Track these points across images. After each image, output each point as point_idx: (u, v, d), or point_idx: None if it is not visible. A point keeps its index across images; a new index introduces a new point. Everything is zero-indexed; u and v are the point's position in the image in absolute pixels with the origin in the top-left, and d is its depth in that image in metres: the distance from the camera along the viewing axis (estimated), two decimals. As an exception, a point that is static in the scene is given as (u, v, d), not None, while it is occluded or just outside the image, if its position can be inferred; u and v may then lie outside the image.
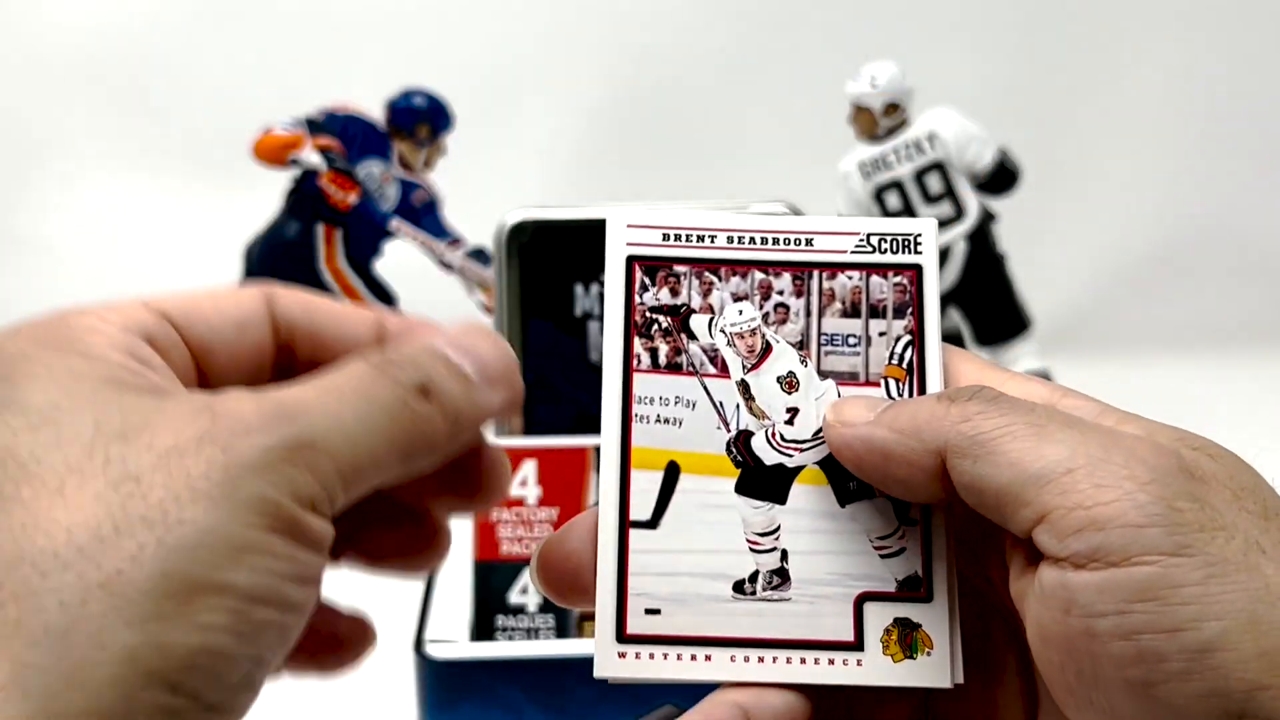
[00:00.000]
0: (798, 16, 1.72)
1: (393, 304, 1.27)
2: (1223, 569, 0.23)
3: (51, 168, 1.69)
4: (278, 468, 0.22)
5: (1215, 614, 0.23)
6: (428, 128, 1.23)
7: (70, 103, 1.68)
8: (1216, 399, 1.38)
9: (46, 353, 0.24)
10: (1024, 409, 0.26)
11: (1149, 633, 0.23)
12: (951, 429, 0.27)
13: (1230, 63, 1.75)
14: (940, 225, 1.22)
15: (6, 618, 0.20)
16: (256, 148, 1.15)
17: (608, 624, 0.30)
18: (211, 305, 0.28)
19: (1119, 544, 0.24)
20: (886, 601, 0.30)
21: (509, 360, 0.29)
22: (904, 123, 1.24)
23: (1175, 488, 0.24)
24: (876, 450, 0.28)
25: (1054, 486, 0.25)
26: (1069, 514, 0.24)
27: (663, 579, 0.30)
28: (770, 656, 0.30)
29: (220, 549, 0.21)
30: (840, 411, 0.30)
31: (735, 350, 0.32)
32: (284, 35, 1.68)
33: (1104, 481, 0.24)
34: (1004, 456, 0.26)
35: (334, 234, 1.20)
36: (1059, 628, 0.25)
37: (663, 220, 0.32)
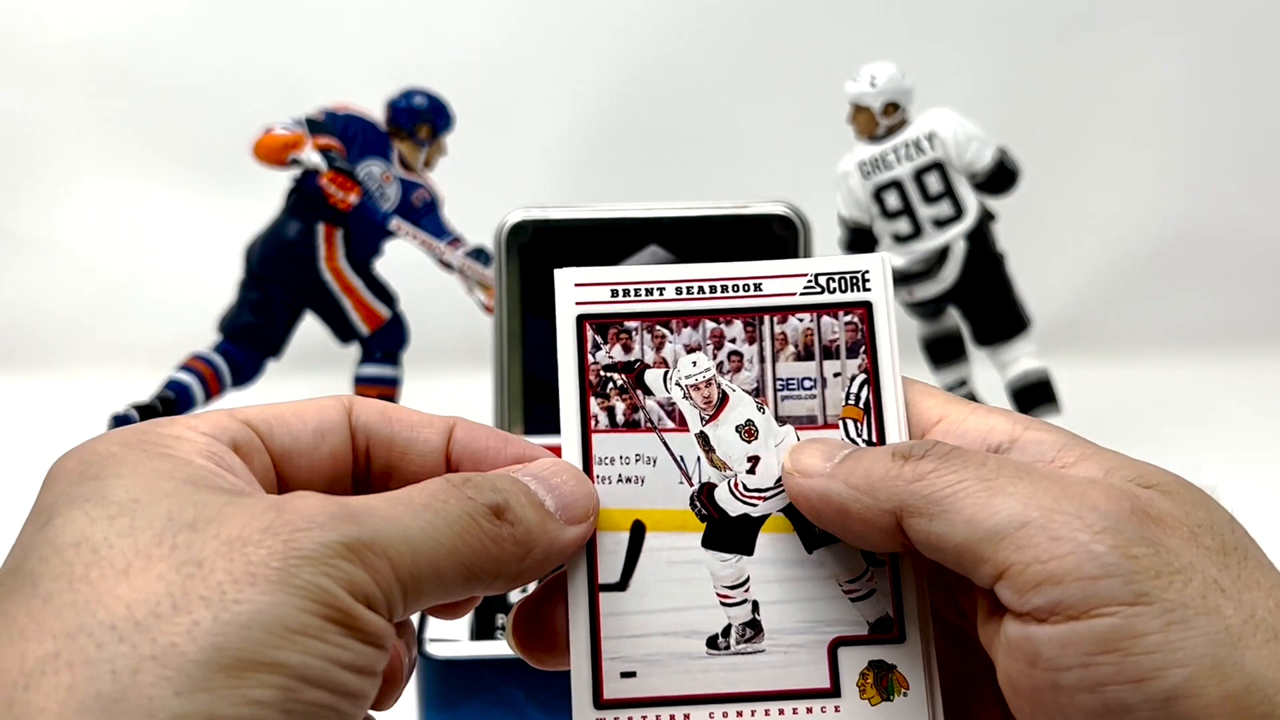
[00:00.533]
0: (797, 16, 1.72)
1: (393, 303, 1.27)
2: (1182, 614, 0.23)
3: (51, 168, 1.69)
4: (335, 561, 0.23)
5: (1178, 661, 0.23)
6: (428, 128, 1.24)
7: (70, 103, 1.68)
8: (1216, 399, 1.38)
9: (134, 454, 0.25)
10: (975, 464, 0.26)
11: (1114, 684, 0.23)
12: (905, 489, 0.27)
13: (1230, 63, 1.75)
14: (939, 225, 1.23)
15: (60, 684, 0.21)
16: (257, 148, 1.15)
17: (584, 691, 0.30)
18: (293, 413, 0.29)
19: (1078, 597, 0.24)
20: (860, 645, 0.30)
21: (590, 498, 0.30)
22: (903, 122, 1.24)
23: (1129, 534, 0.24)
24: (833, 506, 0.28)
25: (1009, 542, 0.25)
26: (1026, 569, 0.24)
27: (636, 640, 0.30)
28: (749, 709, 0.30)
29: (274, 629, 0.22)
30: (797, 460, 0.30)
31: (692, 402, 0.32)
32: (284, 35, 1.68)
33: (1058, 534, 0.24)
34: (958, 514, 0.26)
35: (334, 234, 1.20)
36: (1026, 679, 0.25)
37: (610, 277, 0.32)
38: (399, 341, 1.26)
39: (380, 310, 1.24)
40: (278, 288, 1.20)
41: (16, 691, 0.21)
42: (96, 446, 0.26)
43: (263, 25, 1.68)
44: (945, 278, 1.25)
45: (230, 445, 0.27)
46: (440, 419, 0.31)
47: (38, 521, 0.24)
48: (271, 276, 1.20)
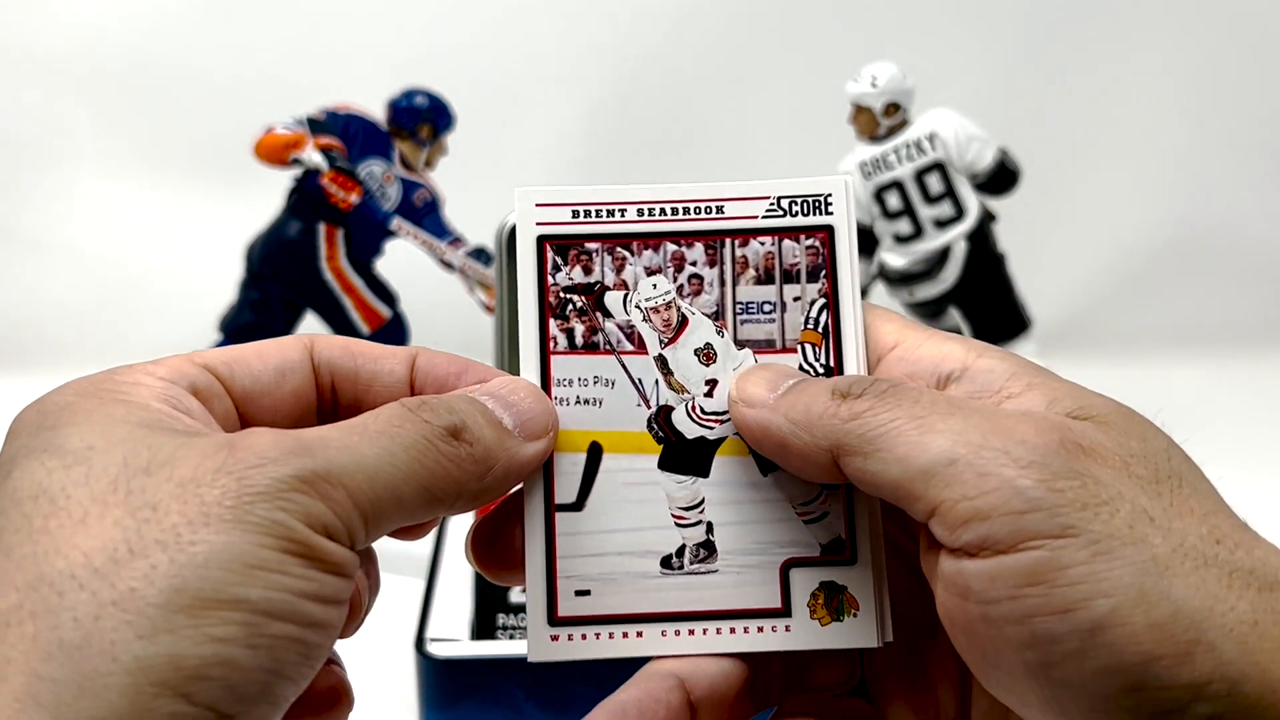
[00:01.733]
0: (798, 16, 1.72)
1: (393, 303, 1.27)
2: (1108, 545, 0.24)
3: (51, 168, 1.69)
4: (290, 495, 0.23)
5: (1104, 591, 0.23)
6: (429, 127, 1.23)
7: (71, 103, 1.68)
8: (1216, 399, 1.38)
9: (89, 401, 0.25)
10: (909, 400, 0.27)
11: (1040, 615, 0.24)
12: (841, 427, 0.27)
13: (1230, 63, 1.75)
14: (940, 225, 1.23)
15: (24, 634, 0.21)
16: (258, 147, 1.15)
17: (539, 608, 0.30)
18: (255, 353, 0.29)
19: (1004, 532, 0.24)
20: (811, 566, 0.31)
21: (549, 415, 0.29)
22: (904, 123, 1.24)
23: (1056, 467, 0.25)
24: (773, 439, 0.29)
25: (939, 480, 0.25)
26: (955, 506, 0.25)
27: (591, 559, 0.31)
28: (700, 628, 0.30)
29: (232, 566, 0.22)
30: (743, 389, 0.30)
31: (651, 325, 0.31)
32: (284, 35, 1.68)
33: (985, 470, 0.25)
34: (890, 453, 0.26)
35: (335, 233, 1.20)
36: (960, 612, 0.26)
37: (571, 197, 0.32)
38: (399, 341, 1.26)
39: (381, 310, 1.24)
40: (278, 287, 1.20)
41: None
42: (54, 397, 0.26)
43: (263, 25, 1.68)
44: (946, 278, 1.25)
45: (189, 389, 0.27)
46: (403, 350, 0.31)
47: None
48: (272, 276, 1.20)
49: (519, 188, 0.32)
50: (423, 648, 0.70)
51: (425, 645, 0.70)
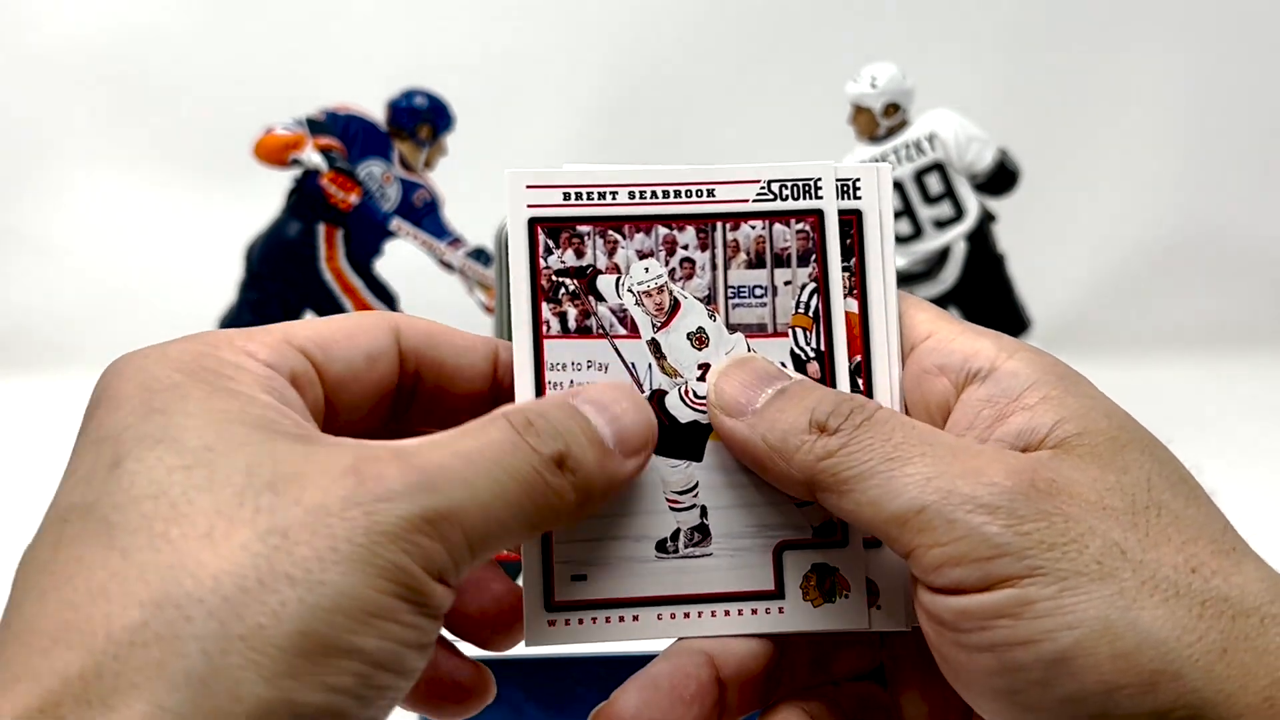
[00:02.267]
0: (798, 17, 1.72)
1: (393, 303, 1.27)
2: (1075, 581, 0.25)
3: (52, 168, 1.69)
4: (415, 538, 0.23)
5: (1068, 624, 0.24)
6: (429, 128, 1.24)
7: (71, 103, 1.68)
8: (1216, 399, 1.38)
9: (197, 387, 0.25)
10: (881, 439, 0.27)
11: (1007, 645, 0.25)
12: (815, 465, 0.27)
13: (1229, 64, 1.75)
14: (940, 226, 1.23)
15: (150, 658, 0.21)
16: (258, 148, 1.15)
17: (535, 594, 0.30)
18: (346, 337, 0.29)
19: (976, 576, 0.25)
20: (804, 549, 0.31)
21: (650, 427, 0.29)
22: (904, 123, 1.24)
23: (1022, 510, 0.25)
24: (750, 457, 0.29)
25: (910, 526, 0.26)
26: (928, 552, 0.26)
27: (587, 544, 0.30)
28: (695, 611, 0.30)
29: (355, 613, 0.22)
30: (720, 390, 0.30)
31: (644, 309, 0.31)
32: (285, 35, 1.68)
33: (953, 516, 0.25)
34: (864, 495, 0.27)
35: (335, 234, 1.20)
36: (937, 637, 0.27)
37: (563, 179, 0.31)
38: (399, 342, 1.26)
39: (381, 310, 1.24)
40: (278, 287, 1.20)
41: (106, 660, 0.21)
42: (155, 371, 0.25)
43: (264, 25, 1.68)
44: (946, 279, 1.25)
45: (289, 376, 0.27)
46: (483, 342, 0.31)
47: (102, 455, 0.24)
48: (272, 276, 1.20)
49: (509, 169, 0.32)
50: (422, 648, 0.70)
51: (425, 645, 0.70)
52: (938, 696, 0.31)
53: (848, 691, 0.32)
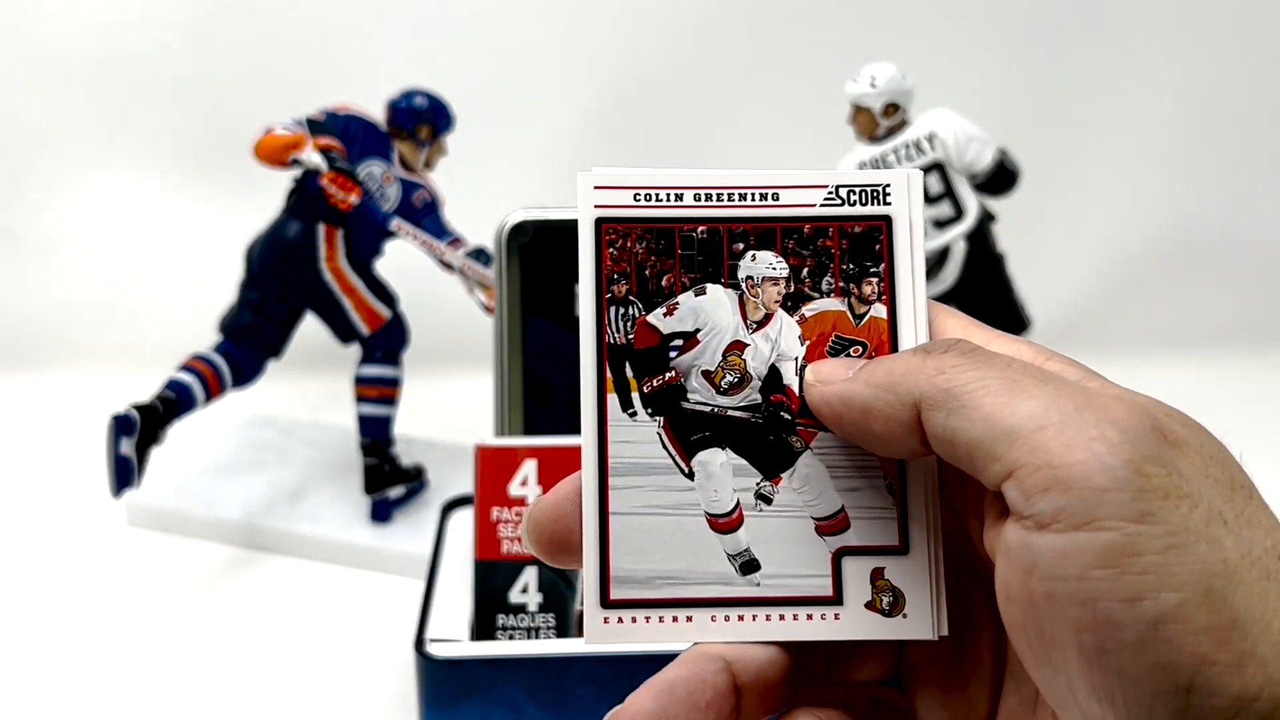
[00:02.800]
0: (797, 17, 1.72)
1: (393, 304, 1.27)
2: (1184, 539, 0.23)
3: (52, 167, 1.69)
4: None
5: (1173, 585, 0.23)
6: (429, 128, 1.23)
7: (70, 102, 1.68)
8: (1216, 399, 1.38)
9: None
10: (1000, 363, 0.26)
11: (1106, 600, 0.23)
12: (926, 381, 0.27)
13: (1229, 64, 1.75)
14: (940, 225, 1.23)
15: None
16: (257, 148, 1.15)
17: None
18: None
19: (1083, 507, 0.24)
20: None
21: None
22: (903, 123, 1.24)
23: (1145, 451, 0.24)
24: (855, 406, 0.28)
25: (1024, 443, 0.25)
26: (1036, 472, 0.24)
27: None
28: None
29: None
30: (819, 371, 0.30)
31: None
32: (284, 35, 1.68)
33: (1073, 441, 0.24)
34: (976, 410, 0.26)
35: (335, 234, 1.20)
36: (1021, 587, 0.25)
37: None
38: (399, 342, 1.26)
39: (381, 310, 1.24)
40: (278, 287, 1.20)
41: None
42: None
43: (263, 25, 1.68)
44: (945, 278, 1.25)
45: None
46: None
47: None
48: (272, 276, 1.20)
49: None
50: (422, 648, 0.70)
51: (425, 645, 0.70)
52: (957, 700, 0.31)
53: (864, 695, 0.31)
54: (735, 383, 0.31)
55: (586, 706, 0.67)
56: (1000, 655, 0.31)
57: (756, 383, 0.31)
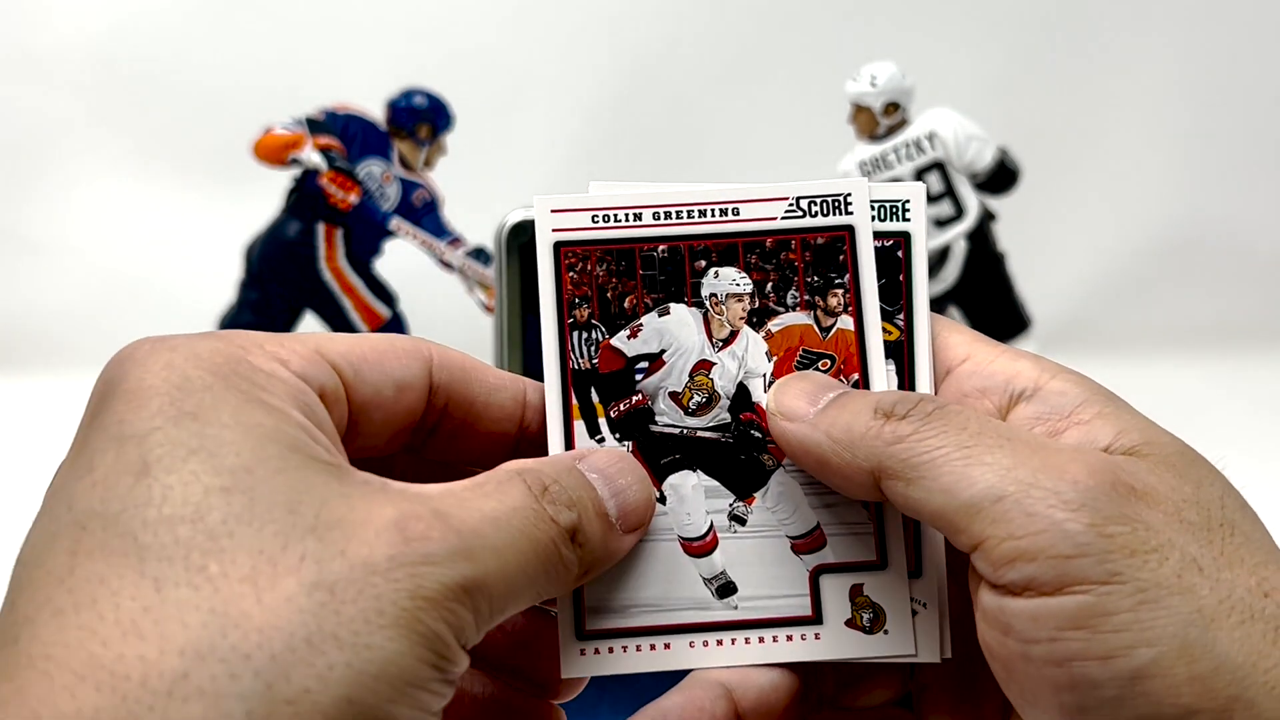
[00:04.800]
0: (798, 17, 1.72)
1: (393, 303, 1.27)
2: (1155, 594, 0.23)
3: (52, 168, 1.69)
4: (453, 606, 0.23)
5: (1147, 640, 0.23)
6: (428, 127, 1.23)
7: (71, 103, 1.68)
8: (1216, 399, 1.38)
9: (229, 393, 0.24)
10: (956, 427, 0.26)
11: (1081, 660, 0.23)
12: (883, 450, 0.26)
13: (1229, 64, 1.75)
14: (940, 224, 1.23)
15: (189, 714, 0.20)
16: (257, 147, 1.15)
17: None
18: (378, 361, 0.28)
19: (1050, 575, 0.24)
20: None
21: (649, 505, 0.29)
22: (904, 122, 1.24)
23: (1106, 511, 0.24)
24: (813, 455, 0.28)
25: (984, 516, 0.25)
26: (1000, 544, 0.24)
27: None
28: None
29: (395, 682, 0.21)
30: (780, 401, 0.29)
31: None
32: (284, 35, 1.68)
33: (1033, 510, 0.24)
34: (935, 482, 0.25)
35: (334, 233, 1.20)
36: (1000, 648, 0.25)
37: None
38: (399, 341, 1.26)
39: (380, 310, 1.24)
40: (278, 287, 1.20)
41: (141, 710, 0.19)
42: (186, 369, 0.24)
43: (263, 25, 1.68)
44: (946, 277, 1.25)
45: (319, 391, 0.26)
46: (513, 382, 0.30)
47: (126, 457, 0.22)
48: (272, 276, 1.20)
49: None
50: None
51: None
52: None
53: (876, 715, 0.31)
54: (703, 403, 0.31)
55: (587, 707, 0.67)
56: None
57: (725, 401, 0.31)
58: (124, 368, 0.24)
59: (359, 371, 0.27)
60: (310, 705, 0.20)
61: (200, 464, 0.22)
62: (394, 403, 0.28)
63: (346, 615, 0.21)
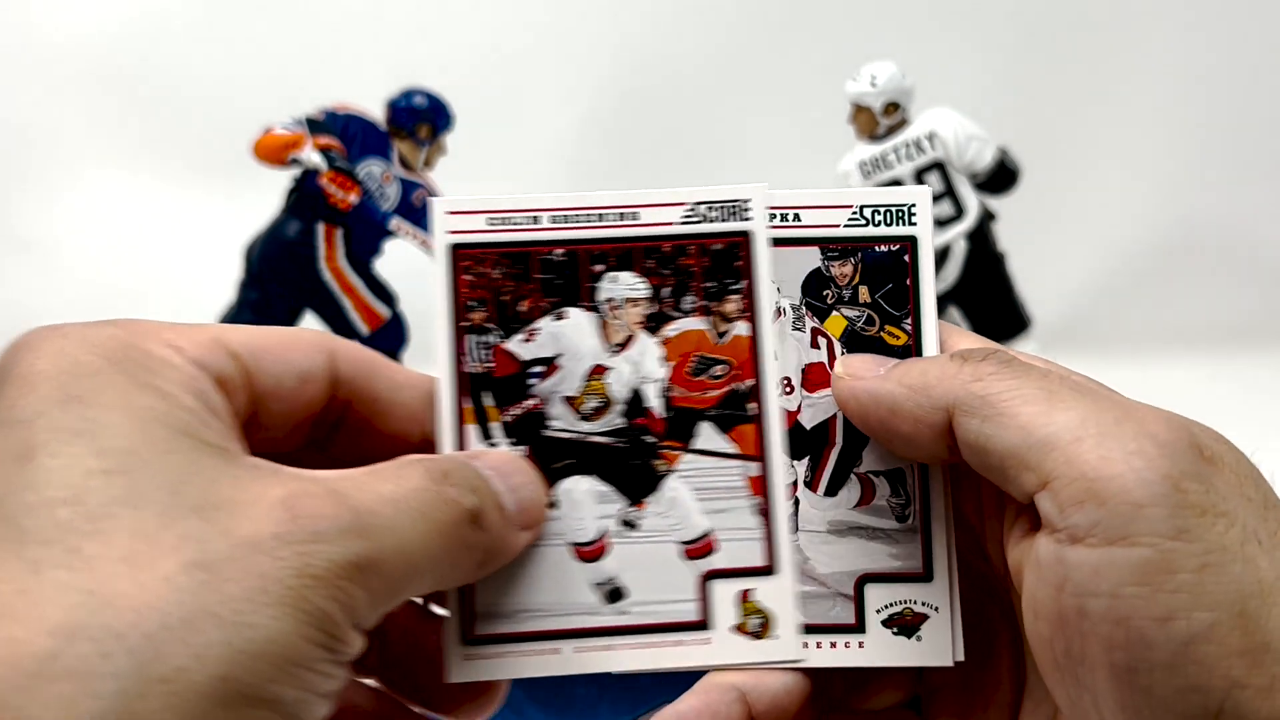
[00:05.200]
0: (797, 16, 1.72)
1: (392, 303, 1.27)
2: (1219, 558, 0.23)
3: (52, 168, 1.69)
4: (342, 585, 0.22)
5: (1207, 605, 0.23)
6: (428, 127, 1.23)
7: (71, 103, 1.68)
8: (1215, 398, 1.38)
9: (120, 378, 0.23)
10: (1038, 373, 0.26)
11: (1139, 618, 0.23)
12: (962, 387, 0.26)
13: (1229, 64, 1.75)
14: (940, 225, 1.23)
15: (58, 694, 0.19)
16: (257, 147, 1.15)
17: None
18: (280, 351, 0.27)
19: (1119, 521, 0.23)
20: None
21: (542, 505, 0.29)
22: (904, 122, 1.24)
23: (1184, 466, 0.24)
24: (884, 404, 0.28)
25: (1060, 453, 0.24)
26: (1072, 483, 0.24)
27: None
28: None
29: (279, 661, 0.21)
30: (849, 364, 0.29)
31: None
32: (284, 35, 1.68)
33: (1111, 453, 0.24)
34: (1013, 418, 0.25)
35: (334, 233, 1.20)
36: (1052, 603, 0.25)
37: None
38: (399, 341, 1.26)
39: (380, 310, 1.24)
40: (278, 287, 1.20)
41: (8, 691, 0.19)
42: (76, 354, 0.23)
43: (263, 25, 1.68)
44: (946, 277, 1.25)
45: (216, 378, 0.25)
46: (421, 380, 0.30)
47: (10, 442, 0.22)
48: (271, 276, 1.20)
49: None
50: (422, 648, 0.70)
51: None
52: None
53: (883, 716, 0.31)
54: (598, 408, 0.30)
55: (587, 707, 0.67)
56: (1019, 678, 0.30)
57: (620, 406, 0.30)
58: (17, 355, 0.24)
59: (259, 361, 0.27)
60: (185, 684, 0.20)
61: (83, 447, 0.22)
62: (295, 393, 0.27)
63: (228, 593, 0.21)
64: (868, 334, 0.31)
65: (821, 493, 0.31)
